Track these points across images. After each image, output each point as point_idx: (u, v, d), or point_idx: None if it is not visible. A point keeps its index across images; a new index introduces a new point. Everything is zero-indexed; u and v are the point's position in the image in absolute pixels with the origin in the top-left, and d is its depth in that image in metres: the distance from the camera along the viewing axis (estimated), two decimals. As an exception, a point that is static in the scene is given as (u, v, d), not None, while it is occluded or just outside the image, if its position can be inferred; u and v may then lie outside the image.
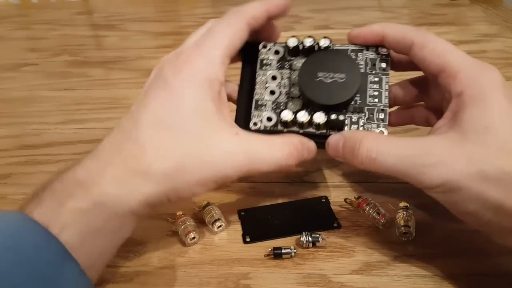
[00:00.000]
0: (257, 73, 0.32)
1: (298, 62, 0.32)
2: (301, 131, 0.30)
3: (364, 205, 0.33)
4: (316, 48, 0.31)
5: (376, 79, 0.31)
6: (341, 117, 0.29)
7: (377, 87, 0.31)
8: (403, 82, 0.34)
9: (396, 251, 0.31)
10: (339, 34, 0.32)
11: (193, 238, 0.32)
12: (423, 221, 0.32)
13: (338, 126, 0.30)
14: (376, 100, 0.31)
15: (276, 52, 0.32)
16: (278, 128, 0.30)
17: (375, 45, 0.31)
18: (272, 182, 0.37)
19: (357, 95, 0.30)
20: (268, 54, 0.32)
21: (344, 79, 0.29)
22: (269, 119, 0.31)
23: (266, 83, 0.32)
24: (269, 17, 0.30)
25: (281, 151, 0.28)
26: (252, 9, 0.29)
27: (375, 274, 0.29)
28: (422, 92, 0.33)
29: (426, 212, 0.34)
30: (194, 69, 0.27)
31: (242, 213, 0.34)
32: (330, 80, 0.29)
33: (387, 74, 0.31)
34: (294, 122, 0.30)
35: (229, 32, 0.28)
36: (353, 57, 0.31)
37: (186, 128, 0.26)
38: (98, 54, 0.62)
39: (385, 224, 0.32)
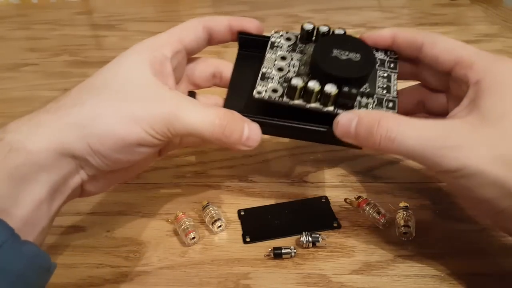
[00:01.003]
0: (267, 52, 0.32)
1: (310, 47, 0.31)
2: (307, 105, 0.28)
3: (364, 205, 0.33)
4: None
5: (385, 74, 0.31)
6: (354, 91, 0.27)
7: (386, 81, 0.31)
8: (402, 90, 0.34)
9: (396, 251, 0.31)
10: (339, 34, 0.32)
11: (193, 238, 0.32)
12: (423, 221, 0.32)
13: (348, 104, 0.28)
14: (385, 91, 0.30)
15: (288, 39, 0.32)
16: (284, 100, 0.28)
17: (385, 49, 0.32)
18: (272, 182, 0.37)
19: (366, 83, 0.30)
20: (279, 39, 0.32)
21: (359, 59, 0.29)
22: (274, 90, 0.29)
23: (275, 60, 0.31)
24: (233, 31, 0.33)
25: (210, 113, 0.27)
26: (212, 19, 0.32)
27: (375, 274, 0.29)
28: (420, 100, 0.33)
29: (426, 212, 0.34)
30: (139, 44, 0.30)
31: (242, 213, 0.34)
32: (345, 57, 0.28)
33: (396, 73, 0.31)
34: (302, 93, 0.28)
35: (183, 25, 0.31)
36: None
37: (110, 85, 0.27)
38: (98, 54, 0.62)
39: (385, 224, 0.32)
